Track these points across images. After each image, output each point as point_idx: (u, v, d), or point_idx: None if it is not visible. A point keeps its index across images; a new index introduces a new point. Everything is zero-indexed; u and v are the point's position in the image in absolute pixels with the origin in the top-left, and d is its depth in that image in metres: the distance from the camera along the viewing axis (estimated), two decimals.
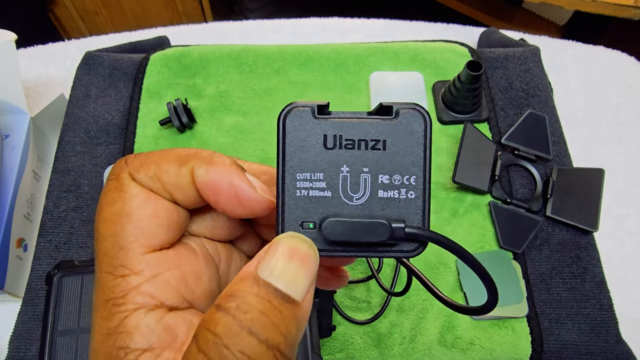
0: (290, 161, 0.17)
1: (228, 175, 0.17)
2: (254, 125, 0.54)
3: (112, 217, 0.17)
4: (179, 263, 0.18)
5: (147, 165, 0.18)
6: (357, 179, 0.17)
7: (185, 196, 0.18)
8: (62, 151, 0.52)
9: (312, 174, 0.17)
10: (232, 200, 0.18)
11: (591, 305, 0.46)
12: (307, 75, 0.58)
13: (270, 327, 0.14)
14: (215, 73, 0.57)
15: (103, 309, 0.17)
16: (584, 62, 0.68)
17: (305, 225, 0.17)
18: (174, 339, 0.16)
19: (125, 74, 0.57)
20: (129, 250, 0.17)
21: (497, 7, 1.12)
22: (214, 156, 0.18)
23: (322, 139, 0.17)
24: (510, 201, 0.49)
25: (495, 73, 0.58)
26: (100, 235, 0.17)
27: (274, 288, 0.15)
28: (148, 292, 0.17)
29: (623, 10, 0.80)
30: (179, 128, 0.52)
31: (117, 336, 0.16)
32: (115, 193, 0.18)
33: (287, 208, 0.17)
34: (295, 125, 0.17)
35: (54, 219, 0.49)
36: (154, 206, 0.18)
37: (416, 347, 0.44)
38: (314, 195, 0.17)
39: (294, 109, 0.17)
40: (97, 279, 0.17)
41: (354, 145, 0.17)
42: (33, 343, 0.43)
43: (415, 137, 0.17)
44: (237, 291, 0.15)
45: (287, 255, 0.16)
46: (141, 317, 0.16)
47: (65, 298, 0.43)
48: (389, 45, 0.60)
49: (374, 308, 0.45)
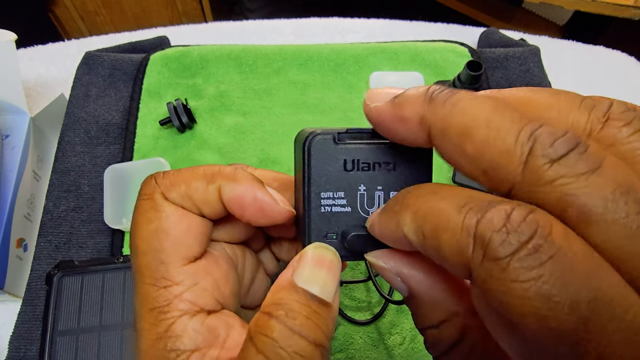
0: (315, 183, 0.19)
1: (252, 190, 0.20)
2: (254, 125, 0.54)
3: (150, 234, 0.19)
4: (210, 270, 0.20)
5: (177, 184, 0.20)
6: (372, 195, 0.20)
7: (212, 210, 0.20)
8: (62, 151, 0.52)
9: (334, 193, 0.19)
10: (257, 213, 0.20)
11: None
12: (307, 75, 0.58)
13: (314, 328, 0.17)
14: (215, 73, 0.57)
15: (149, 317, 0.18)
16: (584, 62, 0.68)
17: (329, 237, 0.20)
18: (216, 339, 0.19)
19: (125, 74, 0.57)
20: (169, 264, 0.19)
21: (497, 7, 1.12)
22: (237, 173, 0.20)
23: (343, 163, 0.19)
24: None
25: (495, 73, 0.58)
26: (140, 251, 0.19)
27: (311, 294, 0.17)
28: (189, 300, 0.19)
29: (623, 10, 0.80)
30: (179, 128, 0.52)
31: (167, 340, 0.18)
32: (151, 213, 0.20)
33: (313, 223, 0.20)
34: (318, 151, 0.19)
35: (54, 219, 0.49)
36: (187, 222, 0.20)
37: (416, 348, 0.44)
38: (336, 211, 0.20)
39: (317, 136, 0.19)
40: (139, 291, 0.19)
41: (370, 168, 0.19)
42: (33, 343, 0.43)
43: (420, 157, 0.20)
44: (281, 299, 0.17)
45: (316, 263, 0.18)
46: (186, 322, 0.18)
47: (65, 298, 0.43)
48: (389, 45, 0.60)
49: (374, 308, 0.45)
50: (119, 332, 0.42)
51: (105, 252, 0.48)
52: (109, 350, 0.41)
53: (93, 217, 0.49)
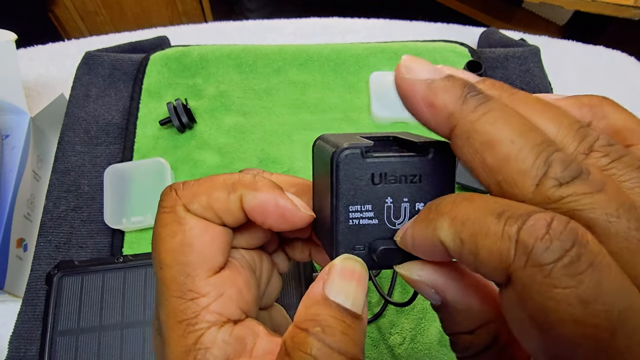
0: (343, 197, 0.19)
1: (273, 198, 0.20)
2: (254, 125, 0.54)
3: (175, 247, 0.19)
4: (234, 280, 0.20)
5: (198, 195, 0.20)
6: (398, 207, 0.20)
7: (234, 219, 0.20)
8: (62, 151, 0.52)
9: (362, 206, 0.20)
10: (279, 219, 0.20)
11: None
12: (307, 75, 0.58)
13: (351, 344, 0.17)
14: (215, 73, 0.57)
15: (178, 329, 0.19)
16: (584, 62, 0.68)
17: (357, 248, 0.20)
18: (245, 348, 0.19)
19: (125, 74, 0.57)
20: (194, 276, 0.19)
21: (497, 7, 1.12)
22: (257, 181, 0.20)
23: (371, 176, 0.19)
24: None
25: (495, 73, 0.58)
26: (165, 265, 0.19)
27: (344, 308, 0.17)
28: (216, 311, 0.19)
29: (623, 10, 0.80)
30: (179, 128, 0.52)
31: (197, 352, 0.18)
32: (174, 226, 0.20)
33: (341, 235, 0.20)
34: (347, 165, 0.19)
35: (53, 219, 0.49)
36: (211, 234, 0.20)
37: (416, 348, 0.44)
38: (364, 223, 0.20)
39: (345, 150, 0.19)
40: (166, 303, 0.19)
41: (396, 180, 0.20)
42: (33, 343, 0.43)
43: (445, 170, 0.20)
44: (316, 315, 0.17)
45: (346, 276, 0.18)
46: (215, 333, 0.18)
47: (65, 298, 0.43)
48: (389, 45, 0.60)
49: (374, 308, 0.45)
50: (118, 331, 0.42)
51: (105, 252, 0.48)
52: (109, 350, 0.41)
53: (93, 217, 0.49)
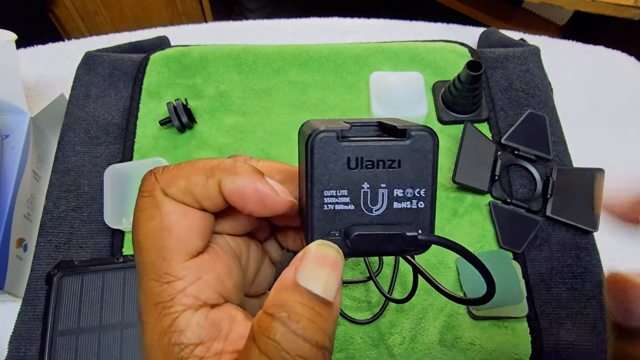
0: (318, 181, 0.19)
1: (252, 182, 0.20)
2: (254, 125, 0.54)
3: (152, 231, 0.19)
4: (214, 265, 0.20)
5: (177, 180, 0.20)
6: (375, 193, 0.19)
7: (213, 204, 0.20)
8: (62, 151, 0.52)
9: (337, 191, 0.19)
10: (258, 204, 0.20)
11: (591, 305, 0.46)
12: (307, 75, 0.58)
13: (318, 331, 0.17)
14: (215, 73, 0.57)
15: (153, 312, 0.19)
16: (584, 62, 0.68)
17: (332, 234, 0.20)
18: (220, 332, 0.19)
19: (125, 74, 0.57)
20: (171, 260, 0.19)
21: (497, 7, 1.12)
22: (237, 166, 0.20)
23: (346, 160, 0.19)
24: (510, 201, 0.49)
25: (495, 73, 0.58)
26: (142, 248, 0.19)
27: (314, 294, 0.17)
28: (192, 294, 0.19)
29: (623, 10, 0.80)
30: (178, 128, 0.52)
31: (172, 334, 0.18)
32: (152, 210, 0.20)
33: (316, 220, 0.19)
34: (322, 149, 0.19)
35: (54, 219, 0.49)
36: (189, 218, 0.20)
37: (416, 347, 0.44)
38: (339, 209, 0.19)
39: (321, 133, 0.19)
40: (143, 287, 0.19)
41: (374, 165, 0.19)
42: (33, 343, 0.43)
43: (426, 156, 0.19)
44: (284, 301, 0.17)
45: (320, 262, 0.18)
46: (190, 316, 0.18)
47: (65, 298, 0.43)
48: (389, 45, 0.60)
49: (374, 308, 0.45)
50: (118, 331, 0.42)
51: (105, 252, 0.48)
52: (109, 350, 0.41)
53: (93, 217, 0.49)
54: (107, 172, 0.49)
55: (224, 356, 0.18)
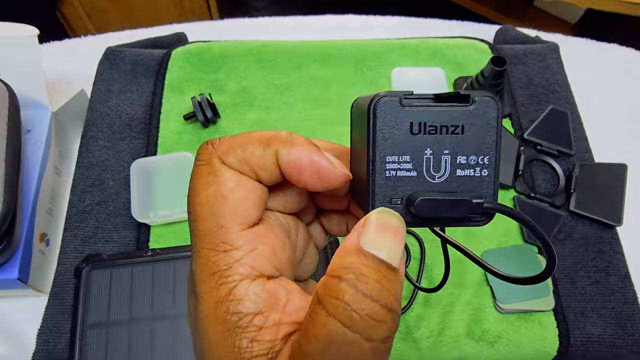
0: (380, 146, 0.19)
1: (309, 154, 0.19)
2: (276, 120, 0.55)
3: (209, 199, 0.19)
4: (268, 237, 0.20)
5: (234, 149, 0.20)
6: (438, 159, 0.19)
7: (269, 175, 0.20)
8: (86, 146, 0.52)
9: (400, 157, 0.19)
10: (314, 176, 0.19)
11: (616, 299, 0.46)
12: (327, 71, 0.58)
13: (385, 292, 0.17)
14: (236, 68, 0.57)
15: (210, 281, 0.18)
16: (598, 59, 0.69)
17: (394, 202, 0.19)
18: (277, 303, 0.18)
19: (146, 69, 0.57)
20: (228, 228, 0.19)
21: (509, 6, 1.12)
22: (293, 137, 0.20)
23: (409, 125, 0.19)
24: (534, 196, 0.49)
25: (515, 69, 0.58)
26: (198, 217, 0.19)
27: (379, 258, 0.17)
28: (249, 264, 0.19)
29: (636, 9, 0.80)
30: (203, 123, 0.52)
31: (229, 304, 0.18)
32: (209, 177, 0.19)
33: (378, 187, 0.19)
34: (384, 114, 0.18)
35: (79, 213, 0.49)
36: (245, 187, 0.19)
37: (444, 340, 0.44)
38: (402, 175, 0.19)
39: (383, 98, 0.18)
40: (199, 256, 0.19)
41: (437, 131, 0.19)
42: (62, 336, 0.43)
43: (490, 122, 0.19)
44: (350, 264, 0.17)
45: (382, 228, 0.18)
46: (247, 285, 0.18)
47: (94, 291, 0.43)
48: (409, 42, 0.60)
49: (402, 301, 0.45)
50: (149, 324, 0.42)
51: (131, 246, 0.48)
52: (140, 343, 0.41)
53: (118, 212, 0.49)
54: (133, 166, 0.49)
55: (282, 327, 0.18)
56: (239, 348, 0.17)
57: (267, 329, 0.18)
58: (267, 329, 0.18)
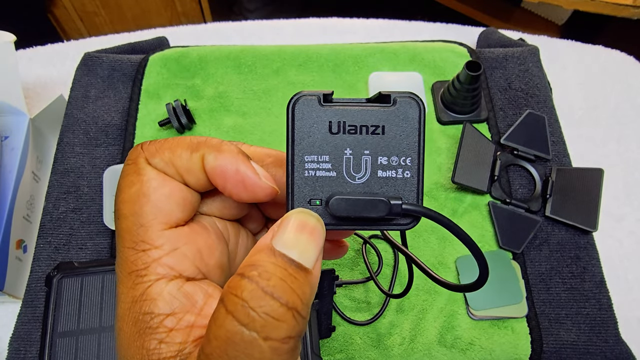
0: (299, 145, 0.19)
1: (235, 162, 0.19)
2: (253, 126, 0.54)
3: (131, 197, 0.19)
4: (193, 238, 0.20)
5: (161, 151, 0.20)
6: (359, 160, 0.19)
7: (196, 180, 0.20)
8: (62, 152, 0.52)
9: (319, 157, 0.19)
10: (239, 186, 0.19)
11: (591, 305, 0.46)
12: (306, 76, 0.58)
13: (288, 291, 0.16)
14: (214, 74, 0.57)
15: (127, 280, 0.18)
16: (583, 61, 0.69)
17: (313, 202, 0.19)
18: (194, 305, 0.18)
19: (124, 75, 0.57)
20: (148, 227, 0.19)
21: (496, 7, 1.12)
22: (222, 144, 0.20)
23: (328, 125, 0.18)
24: (510, 201, 0.49)
25: (494, 73, 0.58)
26: (121, 215, 0.19)
27: (289, 258, 0.17)
28: (168, 264, 0.18)
29: (622, 10, 0.80)
30: (178, 129, 0.52)
31: (142, 303, 0.18)
32: (133, 176, 0.19)
33: (297, 187, 0.19)
34: (303, 113, 0.18)
35: (53, 221, 0.49)
36: (169, 187, 0.19)
37: (416, 348, 0.44)
38: (321, 175, 0.19)
39: (302, 97, 0.18)
40: (119, 254, 0.19)
41: (356, 131, 0.19)
42: (33, 344, 0.43)
43: (411, 123, 0.19)
44: (257, 261, 0.17)
45: (298, 229, 0.18)
46: (163, 286, 0.18)
47: (64, 299, 0.43)
48: (388, 46, 0.60)
49: (374, 308, 0.45)
50: None
51: (105, 254, 0.48)
52: (109, 352, 0.41)
53: (92, 219, 0.49)
54: (106, 173, 0.49)
55: (195, 329, 0.18)
56: (147, 349, 0.17)
57: (178, 330, 0.17)
58: (179, 331, 0.18)
